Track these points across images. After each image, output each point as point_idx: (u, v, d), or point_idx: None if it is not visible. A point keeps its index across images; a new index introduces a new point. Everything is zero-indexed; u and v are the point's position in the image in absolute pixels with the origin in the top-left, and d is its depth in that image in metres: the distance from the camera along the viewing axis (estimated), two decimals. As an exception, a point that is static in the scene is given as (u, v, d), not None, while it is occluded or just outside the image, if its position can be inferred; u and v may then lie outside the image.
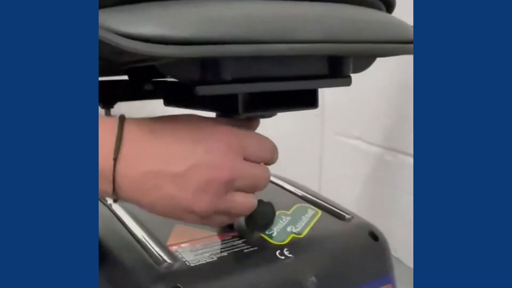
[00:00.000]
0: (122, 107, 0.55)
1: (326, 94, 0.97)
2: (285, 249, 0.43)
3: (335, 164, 1.08)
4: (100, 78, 0.51)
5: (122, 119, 0.35)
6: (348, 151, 1.04)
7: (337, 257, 0.44)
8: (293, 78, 0.40)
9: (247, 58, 0.37)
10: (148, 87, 0.49)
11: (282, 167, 0.50)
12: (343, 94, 0.95)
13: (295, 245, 0.44)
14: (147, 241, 0.43)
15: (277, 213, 0.50)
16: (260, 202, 0.41)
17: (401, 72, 0.89)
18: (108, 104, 0.51)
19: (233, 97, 0.40)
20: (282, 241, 0.44)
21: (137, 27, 0.31)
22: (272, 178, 0.60)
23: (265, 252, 0.43)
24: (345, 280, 0.44)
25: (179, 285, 0.38)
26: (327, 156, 1.11)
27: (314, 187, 1.15)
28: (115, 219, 0.49)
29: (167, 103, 0.50)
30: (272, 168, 0.42)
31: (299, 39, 0.35)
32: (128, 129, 0.35)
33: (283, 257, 0.42)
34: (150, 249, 0.42)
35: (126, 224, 0.47)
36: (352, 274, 0.44)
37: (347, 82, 0.42)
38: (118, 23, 0.31)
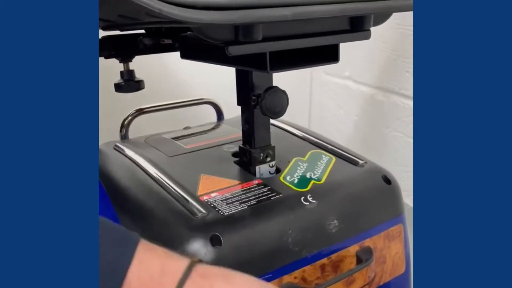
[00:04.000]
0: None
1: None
2: (308, 195, 0.45)
3: (324, 103, 1.09)
4: (119, 33, 0.50)
5: (192, 264, 0.31)
6: (338, 91, 1.04)
7: (355, 201, 0.46)
8: (317, 35, 0.40)
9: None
10: (166, 41, 0.48)
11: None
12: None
13: (317, 191, 0.46)
14: (178, 192, 0.44)
15: (294, 159, 0.52)
16: (275, 89, 0.43)
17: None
18: (126, 58, 0.50)
19: (261, 55, 0.40)
20: (305, 188, 0.46)
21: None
22: (283, 125, 0.61)
23: (290, 199, 0.44)
24: (363, 221, 0.46)
25: (217, 234, 0.40)
26: (316, 95, 1.12)
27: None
28: (139, 169, 0.50)
29: (184, 56, 0.49)
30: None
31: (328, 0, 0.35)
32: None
33: (307, 203, 0.44)
34: (183, 200, 0.43)
35: (151, 175, 0.48)
36: (369, 216, 0.47)
37: (367, 35, 0.42)
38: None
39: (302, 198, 0.44)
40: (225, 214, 0.42)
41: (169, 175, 0.47)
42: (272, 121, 0.60)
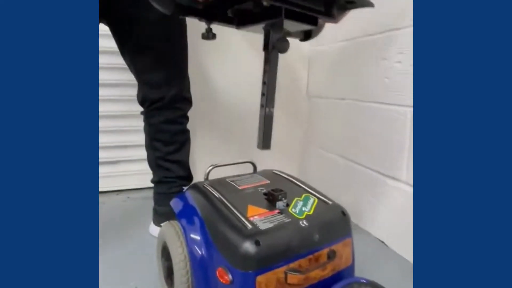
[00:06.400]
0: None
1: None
2: (304, 220, 0.49)
3: (315, 168, 0.99)
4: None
5: None
6: (324, 161, 0.93)
7: (327, 224, 0.50)
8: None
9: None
10: (230, 13, 0.44)
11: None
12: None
13: (308, 218, 0.50)
14: (237, 214, 0.49)
15: (295, 199, 0.56)
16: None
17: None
18: (210, 20, 0.43)
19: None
20: (301, 216, 0.50)
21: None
22: (290, 178, 0.64)
23: (295, 222, 0.49)
24: (331, 235, 0.50)
25: (258, 239, 0.44)
26: (309, 164, 1.02)
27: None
28: (216, 199, 0.54)
29: (238, 26, 0.44)
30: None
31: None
32: None
33: (303, 225, 0.49)
34: (241, 219, 0.48)
35: (223, 202, 0.52)
36: (334, 233, 0.51)
37: (335, 20, 0.42)
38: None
39: (300, 222, 0.49)
40: (261, 228, 0.46)
41: (232, 203, 0.52)
42: (283, 174, 0.64)
